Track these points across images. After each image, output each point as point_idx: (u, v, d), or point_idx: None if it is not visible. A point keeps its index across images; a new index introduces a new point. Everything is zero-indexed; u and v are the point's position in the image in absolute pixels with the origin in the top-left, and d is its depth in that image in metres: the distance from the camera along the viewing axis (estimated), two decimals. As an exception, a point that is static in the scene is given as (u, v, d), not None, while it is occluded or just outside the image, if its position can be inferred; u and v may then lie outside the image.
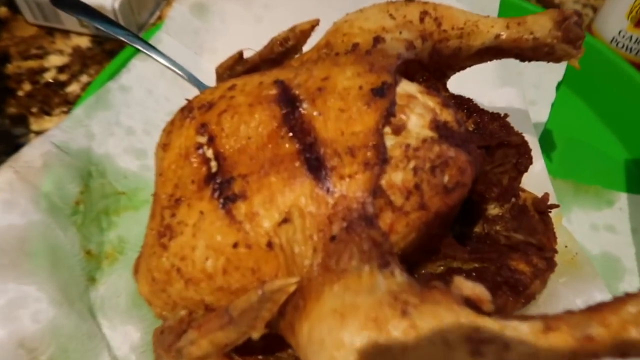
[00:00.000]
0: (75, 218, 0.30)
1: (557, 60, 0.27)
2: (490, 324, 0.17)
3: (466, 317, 0.17)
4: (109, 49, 0.45)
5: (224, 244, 0.21)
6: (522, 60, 0.28)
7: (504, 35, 0.26)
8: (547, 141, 0.38)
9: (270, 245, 0.21)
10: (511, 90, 0.39)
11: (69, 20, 0.45)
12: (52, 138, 0.31)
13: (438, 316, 0.17)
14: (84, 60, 0.44)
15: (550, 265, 0.25)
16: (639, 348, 0.16)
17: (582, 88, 0.41)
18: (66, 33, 0.46)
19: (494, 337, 0.17)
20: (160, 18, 0.47)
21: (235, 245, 0.21)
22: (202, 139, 0.24)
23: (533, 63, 0.39)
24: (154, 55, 0.38)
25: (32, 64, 0.43)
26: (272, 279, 0.21)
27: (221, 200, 0.22)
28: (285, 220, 0.21)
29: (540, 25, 0.26)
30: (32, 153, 0.30)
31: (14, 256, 0.26)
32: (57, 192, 0.30)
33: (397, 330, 0.17)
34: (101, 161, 0.33)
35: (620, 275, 0.31)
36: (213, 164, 0.23)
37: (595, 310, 0.17)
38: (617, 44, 0.41)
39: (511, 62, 0.41)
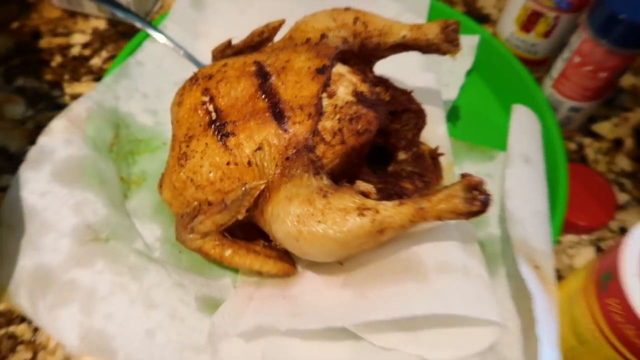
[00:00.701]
0: (111, 155, 0.42)
1: (443, 53, 0.40)
2: (371, 202, 0.31)
3: (358, 199, 0.31)
4: (122, 30, 0.56)
5: (221, 162, 0.34)
6: (422, 52, 0.41)
7: (407, 35, 0.40)
8: (453, 113, 0.51)
9: (249, 163, 0.34)
10: (430, 74, 0.51)
11: (88, 6, 0.56)
12: (91, 98, 0.43)
13: (342, 198, 0.31)
14: (103, 39, 0.55)
15: (427, 185, 0.38)
16: (447, 214, 0.30)
17: (485, 75, 0.53)
18: (86, 16, 0.57)
19: (372, 207, 0.30)
20: (162, 7, 0.59)
21: (228, 164, 0.34)
22: (205, 98, 0.36)
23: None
24: (160, 38, 0.50)
25: (60, 40, 0.55)
26: (250, 183, 0.34)
27: (219, 136, 0.34)
28: (259, 148, 0.34)
29: (431, 30, 0.39)
30: (79, 107, 0.42)
31: (76, 175, 0.38)
32: (98, 136, 0.42)
33: (320, 204, 0.31)
34: (125, 117, 0.45)
35: (488, 203, 0.45)
36: (213, 114, 0.36)
37: (426, 194, 0.31)
38: (509, 42, 0.54)
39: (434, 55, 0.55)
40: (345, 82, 0.36)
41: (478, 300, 0.32)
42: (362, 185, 0.32)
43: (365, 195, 0.32)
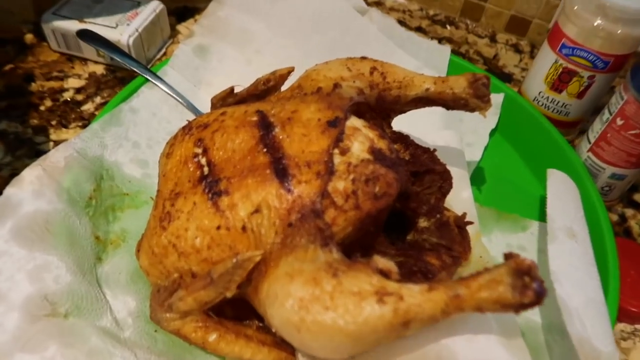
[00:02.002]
0: (88, 210, 0.37)
1: (471, 110, 0.36)
2: (393, 284, 0.25)
3: (377, 280, 0.25)
4: (120, 76, 0.53)
5: (210, 226, 0.28)
6: (447, 108, 0.37)
7: (431, 88, 0.35)
8: (478, 176, 0.46)
9: (244, 228, 0.28)
10: (451, 133, 0.46)
11: (88, 50, 0.53)
12: (73, 145, 0.38)
13: (357, 278, 0.25)
14: (99, 84, 0.51)
15: (456, 261, 0.32)
16: (489, 305, 0.24)
17: (511, 135, 0.49)
18: (84, 61, 0.54)
19: (394, 292, 0.24)
20: (165, 54, 0.56)
21: (218, 228, 0.28)
22: (198, 150, 0.31)
23: (475, 113, 0.48)
24: (159, 85, 0.46)
25: (53, 84, 0.51)
26: (243, 253, 0.28)
27: (210, 195, 0.29)
28: (257, 210, 0.28)
29: (458, 83, 0.35)
30: (57, 155, 0.37)
31: (41, 233, 0.33)
32: (75, 188, 0.36)
33: (329, 285, 0.24)
34: (111, 167, 0.40)
35: (523, 282, 0.38)
36: (205, 168, 0.30)
37: (464, 278, 0.25)
38: (537, 102, 0.50)
39: (455, 111, 0.51)
40: (361, 138, 0.31)
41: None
42: (380, 261, 0.26)
43: (385, 274, 0.26)
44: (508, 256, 0.24)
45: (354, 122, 0.32)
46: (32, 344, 0.28)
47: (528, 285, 0.23)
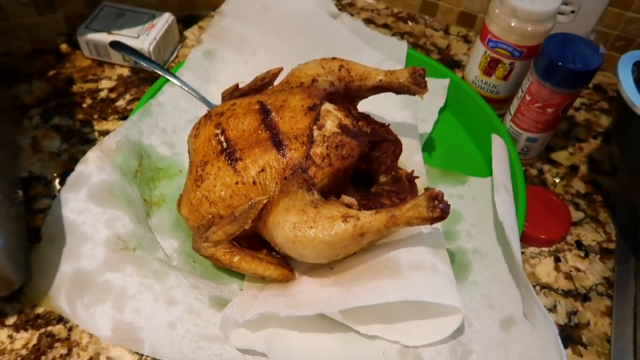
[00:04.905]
0: (136, 180, 0.50)
1: (413, 94, 0.49)
2: (353, 211, 0.38)
3: (343, 209, 0.38)
4: (143, 76, 0.65)
5: (231, 182, 0.42)
6: (396, 93, 0.50)
7: (383, 79, 0.48)
8: (428, 144, 0.59)
9: (254, 182, 0.41)
10: (408, 112, 0.59)
11: (115, 56, 0.65)
12: (119, 133, 0.51)
13: (330, 208, 0.38)
14: (126, 84, 0.64)
15: (403, 202, 0.46)
16: (414, 220, 0.37)
17: (456, 111, 0.61)
18: (112, 65, 0.66)
19: (354, 215, 0.38)
20: (177, 57, 0.68)
21: (237, 183, 0.41)
22: (218, 131, 0.44)
23: (427, 95, 0.61)
24: (178, 83, 0.59)
25: (90, 85, 0.63)
26: (255, 198, 0.41)
27: (229, 161, 0.42)
28: (262, 170, 0.41)
29: (402, 75, 0.48)
30: (109, 141, 0.50)
31: (108, 196, 0.46)
32: (125, 165, 0.50)
33: (312, 213, 0.38)
34: (148, 149, 0.53)
35: (458, 221, 0.52)
36: (224, 143, 0.43)
37: (399, 204, 0.38)
38: (475, 84, 0.63)
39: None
40: (332, 117, 0.44)
41: (444, 291, 0.38)
42: (346, 198, 0.39)
43: (349, 206, 0.39)
44: (426, 189, 0.38)
45: (327, 106, 0.45)
46: (116, 266, 0.42)
47: (437, 205, 0.37)
